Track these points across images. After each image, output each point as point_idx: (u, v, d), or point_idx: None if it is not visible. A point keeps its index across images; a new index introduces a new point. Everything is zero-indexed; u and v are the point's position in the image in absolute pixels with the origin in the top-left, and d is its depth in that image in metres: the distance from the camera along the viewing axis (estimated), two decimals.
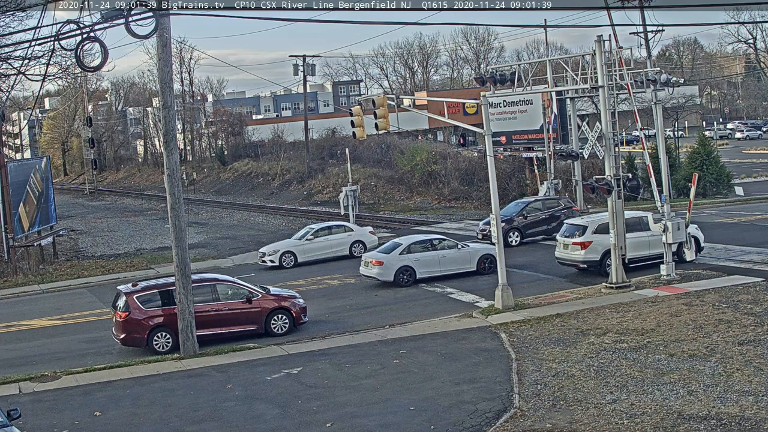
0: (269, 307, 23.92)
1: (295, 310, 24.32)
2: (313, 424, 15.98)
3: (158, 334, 22.96)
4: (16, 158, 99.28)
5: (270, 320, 23.86)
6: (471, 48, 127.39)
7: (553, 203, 38.49)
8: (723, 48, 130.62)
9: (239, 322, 23.60)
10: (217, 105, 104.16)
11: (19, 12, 35.05)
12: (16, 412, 14.16)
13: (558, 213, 37.27)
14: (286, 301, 24.34)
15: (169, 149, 21.80)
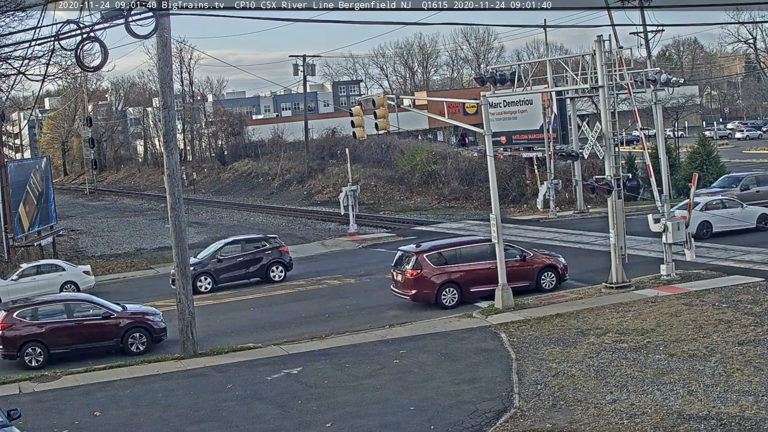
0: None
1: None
2: (313, 424, 15.98)
3: (446, 290, 25.34)
4: (16, 158, 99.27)
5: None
6: (471, 48, 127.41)
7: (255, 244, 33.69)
8: (723, 48, 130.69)
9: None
10: (217, 105, 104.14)
11: (19, 12, 35.04)
12: (16, 412, 14.17)
13: (261, 255, 33.01)
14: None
15: (169, 149, 21.81)
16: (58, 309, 23.57)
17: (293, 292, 30.59)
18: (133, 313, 23.89)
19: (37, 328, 22.84)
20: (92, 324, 23.29)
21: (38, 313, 23.27)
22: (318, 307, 27.45)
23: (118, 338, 23.33)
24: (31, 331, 22.74)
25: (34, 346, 22.61)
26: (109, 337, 23.33)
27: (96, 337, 23.23)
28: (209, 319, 26.32)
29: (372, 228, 48.13)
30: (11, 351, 22.61)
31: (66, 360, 22.74)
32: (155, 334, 23.65)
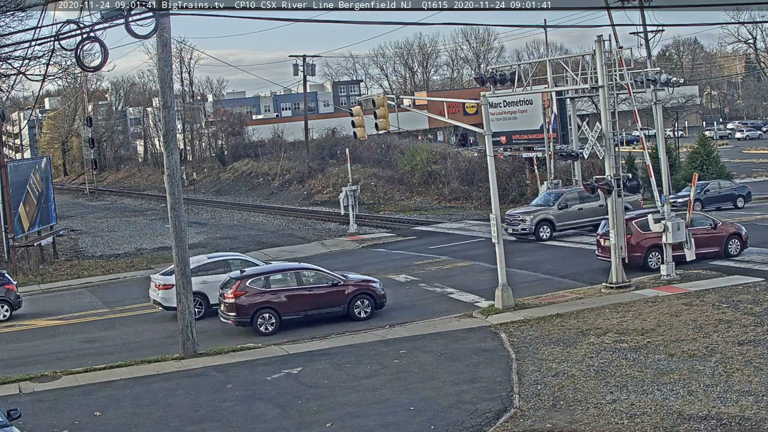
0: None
1: None
2: (313, 424, 15.98)
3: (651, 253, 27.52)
4: (16, 158, 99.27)
5: None
6: (471, 48, 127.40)
7: None
8: (723, 48, 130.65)
9: None
10: (217, 105, 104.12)
11: (19, 12, 35.01)
12: (16, 412, 14.16)
13: None
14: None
15: (169, 149, 21.80)
16: (289, 277, 24.87)
17: None
18: (357, 281, 25.26)
19: (269, 295, 24.18)
20: (321, 291, 24.66)
21: (270, 280, 24.55)
22: None
23: (345, 305, 24.73)
24: (264, 299, 24.07)
25: (266, 313, 23.94)
26: (336, 303, 24.69)
27: (324, 303, 24.62)
28: (209, 318, 26.29)
29: (372, 228, 48.14)
30: (244, 318, 23.90)
31: (296, 325, 24.06)
32: (378, 300, 25.06)
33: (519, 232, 37.18)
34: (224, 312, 24.36)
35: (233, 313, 23.94)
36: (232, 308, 23.89)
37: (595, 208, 35.93)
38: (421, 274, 31.45)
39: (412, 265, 33.54)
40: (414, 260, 34.87)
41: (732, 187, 46.88)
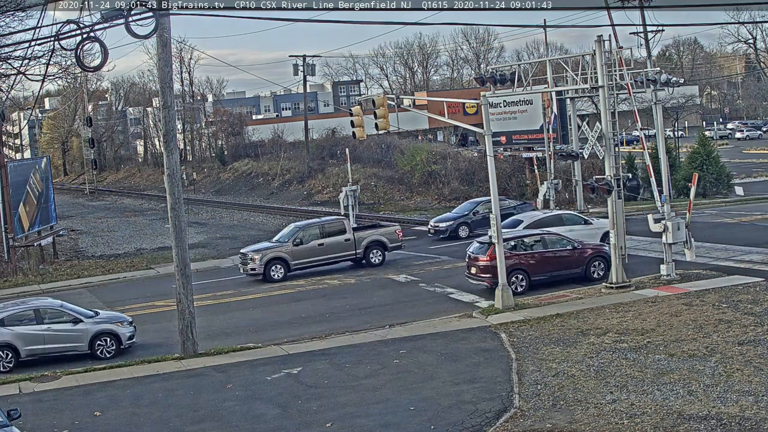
0: None
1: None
2: (313, 424, 15.98)
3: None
4: (16, 158, 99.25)
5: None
6: (471, 48, 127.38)
7: None
8: (723, 48, 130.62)
9: None
10: (217, 105, 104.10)
11: (19, 12, 35.02)
12: (16, 412, 14.17)
13: None
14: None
15: (169, 149, 21.80)
16: (536, 240, 27.35)
17: (293, 292, 30.59)
18: (594, 246, 28.07)
19: (521, 258, 26.61)
20: (564, 254, 27.13)
21: (522, 244, 27.07)
22: (318, 307, 27.45)
23: (583, 266, 27.16)
24: (516, 261, 26.39)
25: (518, 274, 26.32)
26: (576, 265, 27.07)
27: (566, 265, 27.05)
28: (209, 319, 26.32)
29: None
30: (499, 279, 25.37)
31: (543, 286, 26.21)
32: (608, 262, 26.54)
33: (249, 273, 33.11)
34: (476, 274, 26.87)
35: (488, 275, 26.10)
36: (487, 271, 26.09)
37: (339, 243, 33.51)
38: (421, 274, 31.45)
39: (412, 265, 33.55)
40: (414, 260, 34.88)
41: (509, 206, 40.85)
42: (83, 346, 23.08)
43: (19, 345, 22.52)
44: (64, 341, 22.98)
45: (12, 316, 22.94)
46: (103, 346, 23.16)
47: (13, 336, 22.49)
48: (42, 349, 22.79)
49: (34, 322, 22.91)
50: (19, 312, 23.17)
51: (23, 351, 22.57)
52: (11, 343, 22.43)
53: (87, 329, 23.12)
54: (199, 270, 35.35)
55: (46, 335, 22.82)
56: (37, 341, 22.71)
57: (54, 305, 23.85)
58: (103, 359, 22.77)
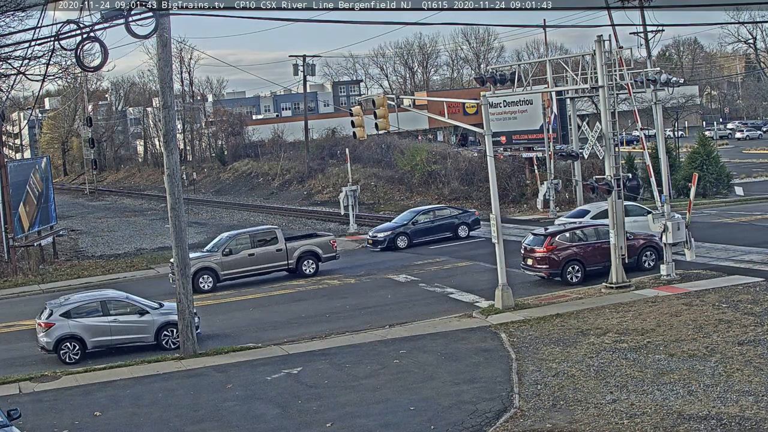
0: None
1: None
2: (313, 424, 15.98)
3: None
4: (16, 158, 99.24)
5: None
6: (471, 48, 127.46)
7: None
8: (723, 48, 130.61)
9: None
10: (217, 105, 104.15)
11: (19, 12, 35.00)
12: (16, 412, 14.17)
13: None
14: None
15: (169, 149, 21.80)
16: (589, 232, 28.09)
17: (293, 292, 30.60)
18: (645, 236, 28.27)
19: (576, 248, 27.55)
20: None
21: (574, 235, 27.98)
22: (318, 307, 27.45)
23: (635, 256, 27.65)
24: (572, 251, 27.47)
25: (574, 265, 27.29)
26: (628, 255, 26.75)
27: None
28: (209, 319, 26.31)
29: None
30: (555, 269, 27.27)
31: (598, 276, 26.71)
32: (660, 252, 27.10)
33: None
34: (533, 265, 27.78)
35: (545, 266, 27.31)
36: (544, 261, 27.28)
37: (270, 254, 32.60)
38: (421, 274, 31.45)
39: (412, 265, 33.54)
40: (414, 260, 34.86)
41: (450, 215, 40.12)
42: (149, 337, 23.41)
43: (86, 336, 22.86)
44: (130, 332, 23.32)
45: (78, 307, 23.29)
46: (169, 336, 23.41)
47: (81, 328, 22.84)
48: (108, 341, 23.17)
49: (101, 314, 23.23)
50: (86, 303, 23.52)
51: (90, 342, 22.95)
52: (78, 334, 22.78)
53: (153, 320, 23.45)
54: None
55: (112, 326, 23.15)
56: (103, 332, 23.05)
57: (120, 296, 24.23)
58: (168, 350, 23.04)
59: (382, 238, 38.85)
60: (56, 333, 22.67)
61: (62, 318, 22.81)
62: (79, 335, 22.74)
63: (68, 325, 22.74)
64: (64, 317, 22.81)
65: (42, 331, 22.78)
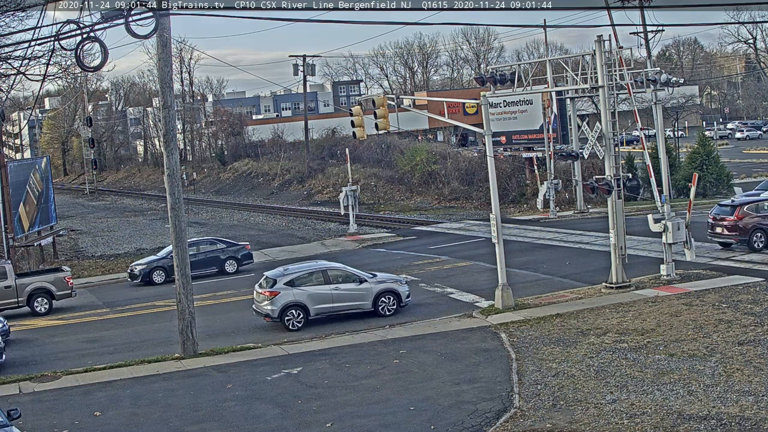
0: None
1: None
2: (313, 424, 15.98)
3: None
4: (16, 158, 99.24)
5: None
6: (471, 48, 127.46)
7: None
8: (723, 48, 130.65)
9: None
10: (217, 105, 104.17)
11: (19, 12, 34.98)
12: (16, 412, 14.17)
13: None
14: None
15: (169, 149, 21.81)
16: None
17: None
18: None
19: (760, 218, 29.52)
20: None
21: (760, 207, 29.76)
22: None
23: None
24: (757, 221, 29.43)
25: (758, 233, 29.06)
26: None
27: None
28: (209, 319, 26.32)
29: (372, 228, 48.16)
30: (743, 236, 29.18)
31: None
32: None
33: None
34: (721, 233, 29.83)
35: (735, 233, 29.41)
36: (734, 229, 29.34)
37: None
38: (421, 274, 31.45)
39: (412, 265, 33.54)
40: (414, 260, 34.87)
41: (217, 249, 36.50)
42: (367, 304, 24.84)
43: (309, 304, 24.39)
44: (350, 300, 24.80)
45: (301, 277, 24.75)
46: (386, 303, 24.90)
47: (305, 296, 24.35)
48: (330, 308, 24.70)
49: (323, 282, 24.72)
50: (308, 273, 24.97)
51: (312, 310, 24.46)
52: (302, 302, 24.29)
53: (371, 288, 24.91)
54: None
55: (334, 294, 24.65)
56: (325, 300, 24.58)
57: (339, 267, 25.79)
58: (384, 316, 24.54)
59: (138, 271, 35.47)
60: (281, 301, 24.10)
61: (287, 286, 24.29)
62: (302, 303, 24.23)
63: (293, 293, 24.23)
64: (288, 286, 24.32)
65: (266, 300, 24.15)
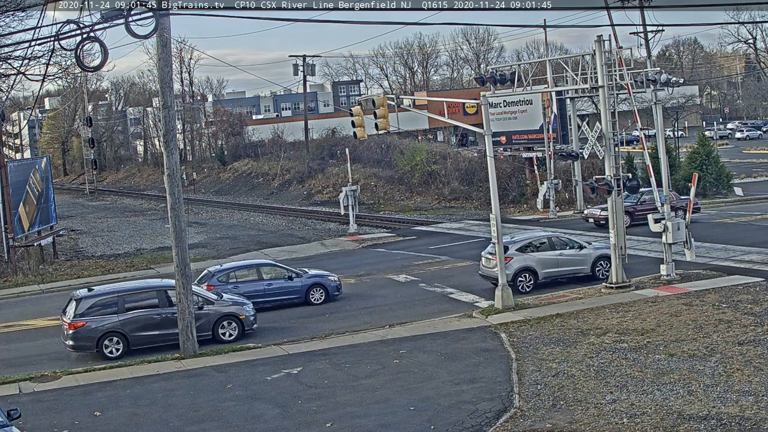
0: None
1: None
2: (313, 424, 15.98)
3: None
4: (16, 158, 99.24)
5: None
6: (471, 48, 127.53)
7: None
8: (723, 48, 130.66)
9: None
10: (217, 105, 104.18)
11: (19, 12, 34.97)
12: (16, 412, 14.16)
13: None
14: None
15: (169, 149, 21.80)
16: None
17: None
18: None
19: None
20: None
21: None
22: (317, 307, 27.43)
23: None
24: None
25: None
26: None
27: None
28: None
29: (372, 228, 48.15)
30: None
31: None
32: None
33: None
34: None
35: None
36: None
37: None
38: (421, 274, 31.45)
39: (411, 265, 33.54)
40: (414, 260, 34.87)
41: None
42: (586, 269, 27.40)
43: (538, 269, 26.93)
44: (571, 264, 27.36)
45: (529, 244, 27.30)
46: (602, 268, 27.22)
47: (534, 261, 26.94)
48: (555, 272, 27.21)
49: (548, 249, 27.37)
50: (535, 240, 27.73)
51: (541, 274, 26.97)
52: (532, 267, 26.82)
53: (590, 254, 27.53)
54: (199, 270, 35.27)
55: (558, 259, 27.20)
56: (551, 265, 27.13)
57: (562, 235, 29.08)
58: (601, 280, 26.59)
59: None
60: (514, 266, 26.42)
61: (518, 252, 26.79)
62: (532, 267, 26.71)
63: (524, 258, 26.69)
64: (520, 252, 26.84)
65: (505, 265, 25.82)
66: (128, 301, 22.95)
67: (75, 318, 22.43)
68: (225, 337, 23.25)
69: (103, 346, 22.49)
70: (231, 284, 26.82)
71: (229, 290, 25.95)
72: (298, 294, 27.45)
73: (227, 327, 23.41)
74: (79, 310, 22.54)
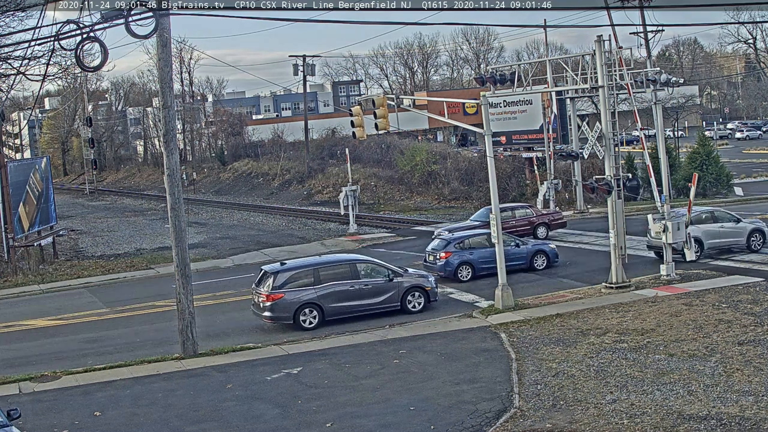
0: None
1: None
2: (313, 424, 15.98)
3: None
4: (16, 158, 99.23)
5: None
6: (471, 48, 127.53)
7: None
8: (723, 48, 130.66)
9: None
10: (217, 105, 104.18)
11: (19, 12, 34.96)
12: (16, 412, 14.15)
13: None
14: None
15: (169, 149, 21.80)
16: None
17: None
18: None
19: None
20: None
21: None
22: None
23: None
24: None
25: None
26: None
27: None
28: (209, 319, 26.31)
29: (372, 228, 48.14)
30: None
31: None
32: None
33: None
34: None
35: None
36: None
37: None
38: None
39: (411, 265, 33.46)
40: (414, 260, 34.77)
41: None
42: (742, 241, 29.36)
43: (704, 239, 28.83)
44: (730, 236, 29.51)
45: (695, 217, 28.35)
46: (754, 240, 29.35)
47: (701, 232, 28.78)
48: (718, 243, 29.37)
49: (712, 221, 29.52)
50: (699, 213, 29.23)
51: (706, 244, 29.01)
52: (699, 237, 28.47)
53: (745, 227, 29.57)
54: (198, 270, 35.34)
55: (720, 231, 29.44)
56: (715, 236, 29.28)
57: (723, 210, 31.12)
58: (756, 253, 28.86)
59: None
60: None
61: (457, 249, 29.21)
62: (700, 238, 28.33)
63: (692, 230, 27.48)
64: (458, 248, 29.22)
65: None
66: (323, 274, 24.03)
67: (273, 290, 23.46)
68: (412, 308, 24.72)
69: (300, 317, 23.60)
70: (467, 251, 29.64)
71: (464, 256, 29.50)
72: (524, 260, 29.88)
73: (414, 298, 24.89)
74: (276, 282, 23.55)
